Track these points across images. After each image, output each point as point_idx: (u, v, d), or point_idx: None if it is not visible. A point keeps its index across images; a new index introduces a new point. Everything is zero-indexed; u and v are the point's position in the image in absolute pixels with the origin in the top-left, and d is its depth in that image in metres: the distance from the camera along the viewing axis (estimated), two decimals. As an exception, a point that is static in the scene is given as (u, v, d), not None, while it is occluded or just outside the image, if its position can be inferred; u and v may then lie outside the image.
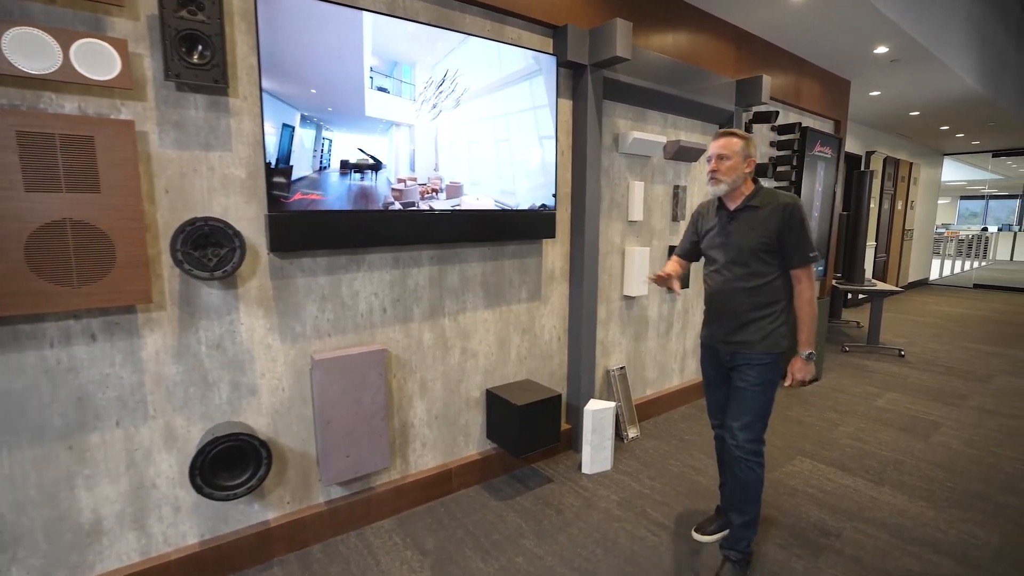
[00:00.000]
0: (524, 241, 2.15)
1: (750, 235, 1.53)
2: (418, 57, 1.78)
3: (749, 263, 1.54)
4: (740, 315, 1.56)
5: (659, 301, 2.81)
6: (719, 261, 1.61)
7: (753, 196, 1.55)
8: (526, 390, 2.11)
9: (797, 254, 1.51)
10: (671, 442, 2.54)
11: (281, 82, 1.49)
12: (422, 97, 1.83)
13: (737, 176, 1.54)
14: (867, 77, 4.01)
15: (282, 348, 1.64)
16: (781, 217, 1.50)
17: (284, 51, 1.49)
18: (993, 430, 2.72)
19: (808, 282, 1.54)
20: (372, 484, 1.88)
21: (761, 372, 1.56)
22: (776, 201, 1.52)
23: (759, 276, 1.53)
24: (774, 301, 1.55)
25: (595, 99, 2.18)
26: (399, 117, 1.77)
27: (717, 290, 1.61)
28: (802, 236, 1.50)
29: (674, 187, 2.76)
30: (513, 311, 2.18)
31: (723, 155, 1.54)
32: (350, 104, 1.66)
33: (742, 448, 1.56)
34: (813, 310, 1.54)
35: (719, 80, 2.76)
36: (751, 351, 1.56)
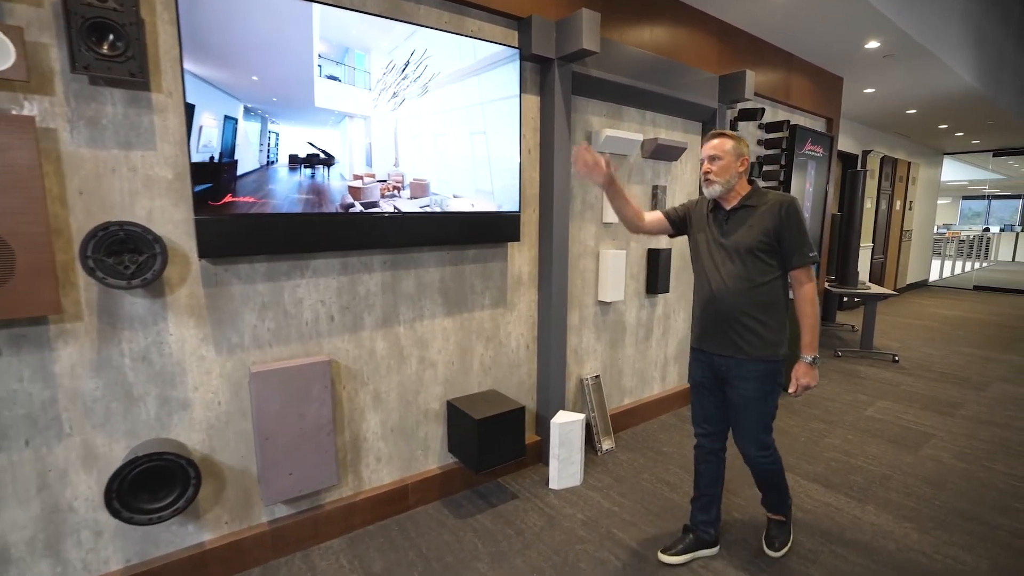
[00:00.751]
0: (486, 245, 2.05)
1: (748, 234, 1.49)
2: (372, 42, 1.67)
3: (747, 263, 1.49)
4: (737, 320, 1.51)
5: (637, 307, 2.70)
6: (716, 262, 1.55)
7: (750, 196, 1.53)
8: (489, 402, 2.01)
9: (796, 253, 1.47)
10: (647, 454, 2.43)
11: (216, 69, 1.38)
12: (380, 85, 1.71)
13: (731, 176, 1.51)
14: (860, 73, 3.89)
15: (217, 359, 1.54)
16: (778, 215, 1.46)
17: (216, 36, 1.37)
18: (986, 441, 2.60)
19: (809, 283, 1.50)
20: (321, 502, 1.78)
21: (760, 383, 1.51)
22: (773, 200, 1.50)
23: (757, 278, 1.49)
24: (772, 304, 1.50)
25: (563, 95, 2.07)
26: (353, 108, 1.66)
27: (712, 294, 1.55)
28: (800, 234, 1.46)
29: (653, 187, 2.64)
30: (476, 318, 2.08)
31: (715, 156, 1.51)
32: (298, 94, 1.55)
33: (754, 458, 1.60)
34: (815, 312, 1.50)
35: (701, 75, 2.64)
36: (748, 359, 1.50)
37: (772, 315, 1.50)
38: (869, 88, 4.31)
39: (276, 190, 1.55)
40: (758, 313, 1.49)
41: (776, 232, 1.47)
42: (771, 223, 1.47)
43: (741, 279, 1.50)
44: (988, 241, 11.09)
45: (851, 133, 5.80)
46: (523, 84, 2.06)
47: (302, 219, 1.57)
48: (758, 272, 1.49)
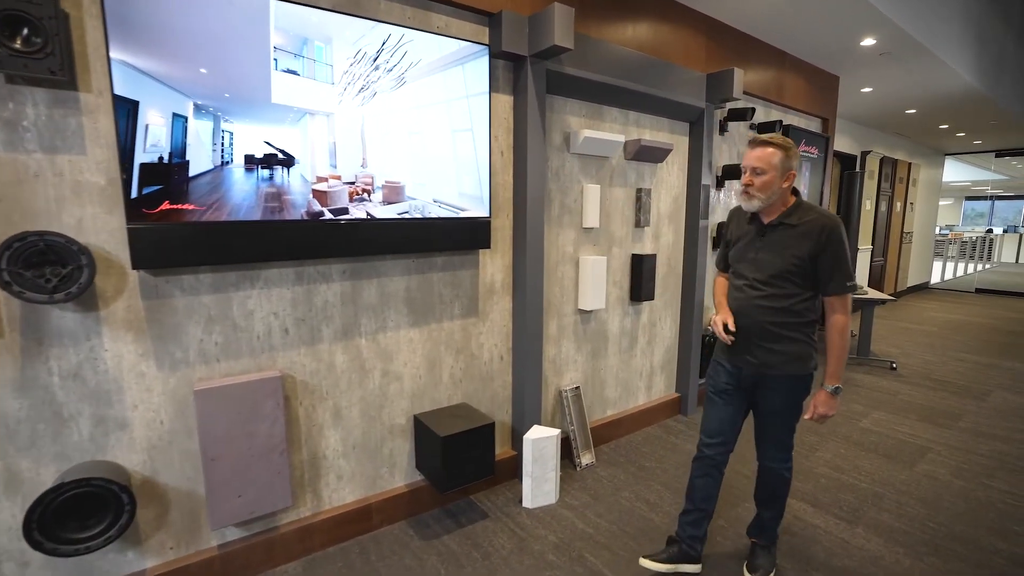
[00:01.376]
0: (455, 252, 1.95)
1: (782, 255, 1.43)
2: (335, 32, 1.57)
3: (776, 283, 1.44)
4: (764, 335, 1.47)
5: (620, 314, 2.60)
6: (746, 276, 1.51)
7: (790, 212, 1.43)
8: (457, 417, 1.91)
9: (833, 281, 1.40)
10: (628, 470, 2.32)
11: (158, 61, 1.29)
12: (347, 78, 1.61)
13: (773, 192, 1.41)
14: (857, 72, 3.77)
15: (159, 376, 1.45)
16: (818, 239, 1.38)
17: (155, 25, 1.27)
18: (985, 456, 2.49)
19: (842, 312, 1.43)
20: (276, 523, 1.69)
21: (788, 396, 1.50)
22: (814, 220, 1.40)
23: (786, 297, 1.44)
24: (802, 323, 1.45)
25: (537, 94, 1.97)
26: (314, 104, 1.56)
27: (741, 307, 1.50)
28: (840, 262, 1.39)
29: (637, 190, 2.54)
30: (444, 329, 1.98)
31: (758, 169, 1.41)
32: (252, 90, 1.46)
33: (773, 460, 1.59)
34: (844, 342, 1.44)
35: (687, 74, 2.54)
36: (777, 372, 1.47)
37: (800, 333, 1.45)
38: (866, 87, 4.19)
39: (231, 193, 1.46)
40: (785, 330, 1.45)
41: (812, 257, 1.39)
42: (808, 247, 1.39)
43: (768, 297, 1.45)
44: (991, 243, 10.93)
45: (850, 134, 5.68)
46: (495, 83, 1.96)
47: (248, 227, 1.47)
48: (787, 293, 1.43)
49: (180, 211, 1.37)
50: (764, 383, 1.51)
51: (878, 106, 4.86)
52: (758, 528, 1.69)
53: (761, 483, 1.64)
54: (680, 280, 2.88)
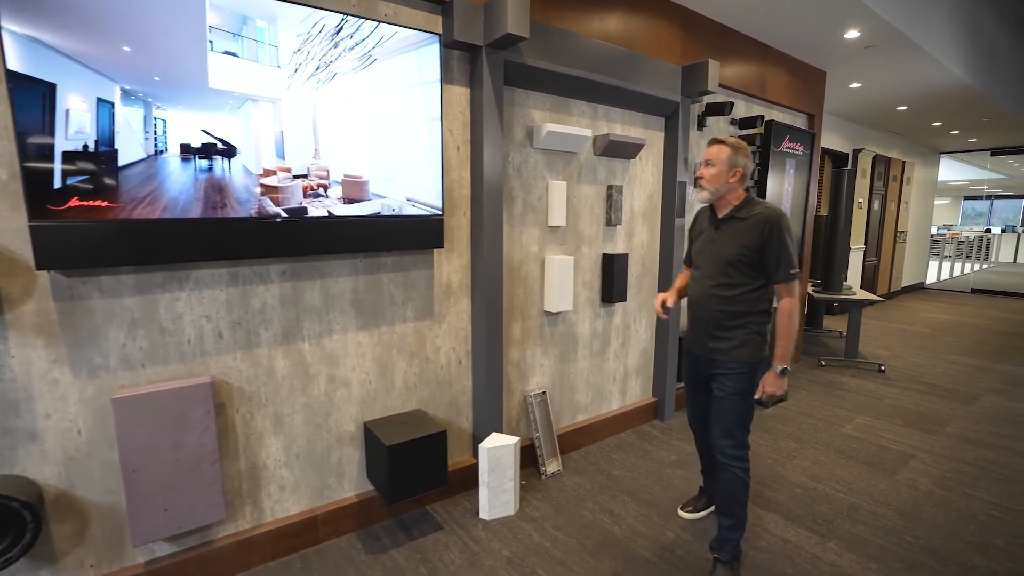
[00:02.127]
0: (406, 252, 1.86)
1: (731, 245, 1.54)
2: (280, 10, 1.47)
3: (727, 273, 1.54)
4: (716, 322, 1.58)
5: (591, 316, 2.50)
6: (701, 268, 1.64)
7: (740, 207, 1.55)
8: (408, 424, 1.82)
9: (779, 270, 1.50)
10: (596, 478, 2.23)
11: (72, 39, 1.19)
12: (297, 59, 1.52)
13: (720, 185, 1.54)
14: (844, 67, 3.67)
15: (75, 384, 1.36)
16: (762, 231, 1.49)
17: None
18: (969, 464, 2.39)
19: (788, 297, 1.53)
20: (211, 537, 1.60)
21: (737, 381, 1.56)
22: (759, 214, 1.52)
23: (736, 286, 1.54)
24: (751, 311, 1.54)
25: (493, 85, 1.88)
26: (257, 89, 1.47)
27: (696, 296, 1.64)
28: (783, 251, 1.49)
29: (607, 187, 2.45)
30: (396, 332, 1.89)
31: (709, 162, 1.56)
32: (186, 73, 1.36)
33: (725, 455, 1.60)
34: (792, 324, 1.52)
35: (660, 67, 2.44)
36: (727, 359, 1.57)
37: (750, 321, 1.54)
38: (854, 83, 4.09)
39: (167, 185, 1.36)
40: (735, 319, 1.55)
41: (758, 248, 1.50)
42: (753, 239, 1.50)
43: (720, 286, 1.56)
44: (989, 242, 10.81)
45: (841, 131, 5.58)
46: (449, 74, 1.87)
47: (172, 225, 1.38)
48: (737, 281, 1.54)
49: (94, 207, 1.29)
50: (716, 369, 1.60)
51: (868, 103, 4.76)
52: (718, 542, 1.66)
53: (720, 483, 1.64)
54: (656, 281, 2.79)
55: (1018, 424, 2.88)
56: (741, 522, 1.62)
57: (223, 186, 1.46)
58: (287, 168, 1.58)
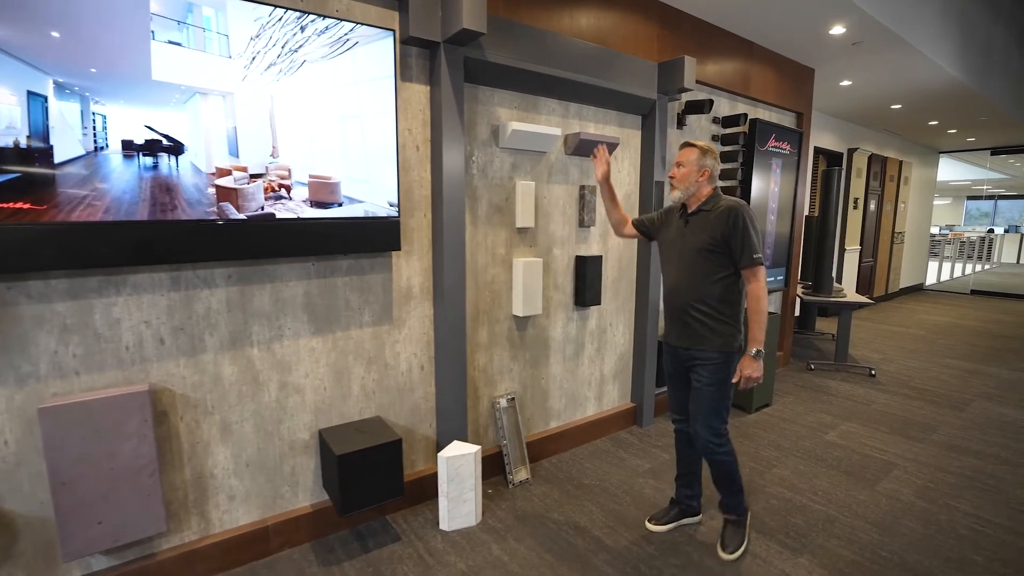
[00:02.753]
0: (362, 255, 1.80)
1: (700, 236, 1.64)
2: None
3: (699, 263, 1.63)
4: (689, 314, 1.65)
5: (563, 320, 2.44)
6: (673, 261, 1.72)
7: (707, 202, 1.66)
8: (364, 432, 1.76)
9: (743, 256, 1.59)
10: (565, 488, 2.16)
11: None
12: (253, 48, 1.46)
13: (690, 184, 1.66)
14: (832, 64, 3.59)
15: (2, 393, 1.31)
16: (726, 221, 1.59)
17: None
18: (954, 474, 2.31)
19: (755, 281, 1.60)
20: (153, 550, 1.55)
21: (714, 371, 1.63)
22: (724, 206, 1.62)
23: (708, 276, 1.62)
24: (724, 301, 1.62)
25: (453, 83, 1.82)
26: (206, 81, 1.41)
27: (671, 289, 1.72)
28: (746, 238, 1.58)
29: (580, 187, 2.38)
30: (353, 337, 1.83)
31: (679, 163, 1.68)
32: (126, 64, 1.30)
33: (706, 443, 1.68)
34: (761, 307, 1.59)
35: (635, 63, 2.38)
36: (703, 350, 1.64)
37: (723, 310, 1.63)
38: (845, 81, 4.01)
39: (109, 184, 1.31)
40: (709, 308, 1.63)
41: (724, 236, 1.59)
42: (719, 228, 1.60)
43: (693, 276, 1.65)
44: (991, 243, 10.66)
45: (835, 130, 5.49)
46: (407, 71, 1.82)
47: (105, 228, 1.33)
48: (708, 271, 1.62)
49: (22, 210, 1.23)
50: (693, 360, 1.68)
51: (861, 101, 4.67)
52: (725, 507, 1.80)
53: (710, 471, 1.75)
54: (633, 283, 2.72)
55: (1007, 431, 2.80)
56: (740, 488, 1.75)
57: (171, 186, 1.41)
58: (243, 167, 1.53)
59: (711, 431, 1.65)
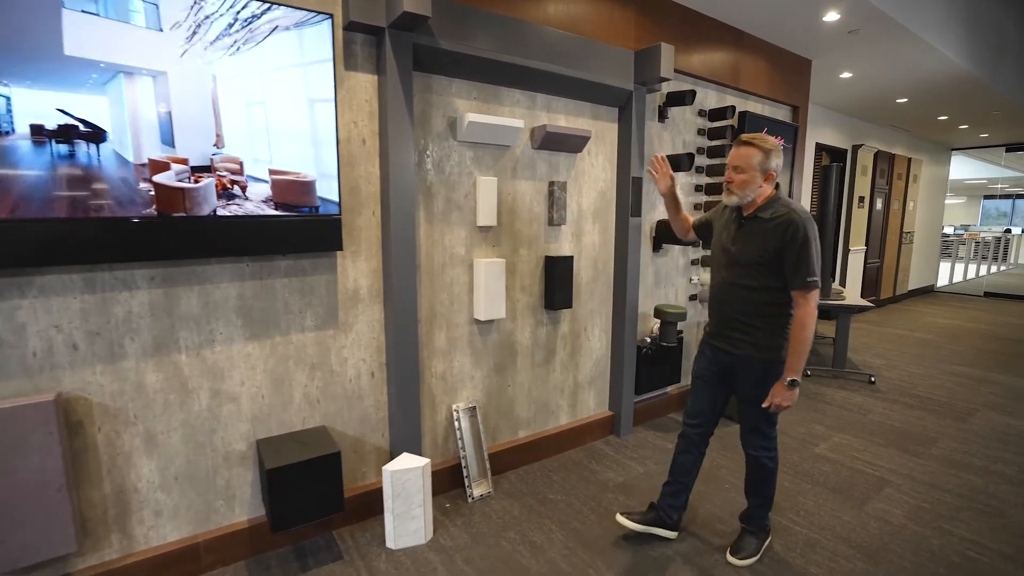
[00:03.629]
0: (302, 255, 1.69)
1: (751, 246, 1.52)
2: None
3: (746, 273, 1.54)
4: (737, 320, 1.57)
5: (532, 324, 2.31)
6: (722, 263, 1.62)
7: (766, 207, 1.51)
8: (303, 443, 1.65)
9: (796, 276, 1.46)
10: (527, 503, 2.03)
11: None
12: (195, 17, 1.33)
13: (751, 190, 1.50)
14: (830, 55, 3.41)
15: None
16: (783, 235, 1.45)
17: None
18: (951, 493, 2.14)
19: (805, 306, 1.47)
20: (68, 570, 1.45)
21: (757, 383, 1.56)
22: (784, 216, 1.47)
23: (757, 288, 1.53)
24: (770, 314, 1.53)
25: (400, 72, 1.70)
26: (131, 58, 1.28)
27: (715, 293, 1.65)
28: (802, 258, 1.44)
29: (549, 184, 2.25)
30: (294, 343, 1.72)
31: (738, 167, 1.50)
32: (31, 37, 1.17)
33: (753, 447, 1.65)
34: (805, 335, 1.47)
35: (610, 52, 2.24)
36: (747, 358, 1.57)
37: (769, 322, 1.53)
38: (845, 72, 3.81)
39: (14, 175, 1.20)
40: (753, 319, 1.54)
41: (777, 252, 1.47)
42: (773, 242, 1.47)
43: (739, 286, 1.55)
44: (1007, 243, 10.27)
45: (838, 126, 5.28)
46: (352, 59, 1.70)
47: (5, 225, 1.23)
48: (756, 282, 1.52)
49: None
50: (737, 369, 1.60)
51: (865, 95, 4.46)
52: (747, 516, 1.75)
53: (747, 472, 1.71)
54: (611, 285, 2.58)
55: (1012, 444, 2.61)
56: (769, 500, 1.71)
57: (91, 178, 1.30)
58: (182, 159, 1.41)
59: (761, 436, 1.63)
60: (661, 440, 2.61)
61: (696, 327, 3.06)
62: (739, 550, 1.69)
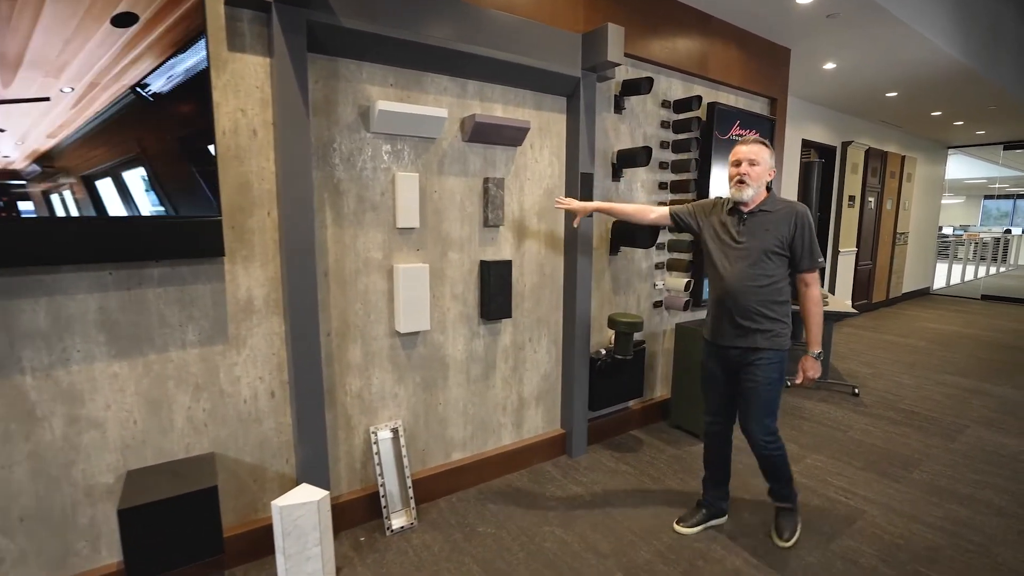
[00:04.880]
0: (177, 261, 1.48)
1: (764, 237, 1.62)
2: None
3: (759, 264, 1.62)
4: (748, 314, 1.64)
5: (466, 336, 2.09)
6: (729, 261, 1.67)
7: (766, 201, 1.65)
8: (179, 476, 1.44)
9: (806, 258, 1.62)
10: (452, 537, 1.82)
11: None
12: None
13: (760, 184, 1.63)
14: (810, 42, 3.19)
15: None
16: (793, 222, 1.60)
17: None
18: (932, 527, 1.91)
19: (815, 285, 1.66)
20: None
21: (768, 371, 1.65)
22: (787, 207, 1.63)
23: (768, 276, 1.62)
24: (781, 301, 1.64)
25: (290, 52, 1.49)
26: None
27: (725, 291, 1.67)
28: (811, 241, 1.61)
29: (484, 180, 2.04)
30: (173, 360, 1.52)
31: (754, 160, 1.61)
32: None
33: (759, 441, 1.71)
34: (819, 311, 1.66)
35: (551, 34, 2.03)
36: (759, 350, 1.64)
37: (779, 310, 1.64)
38: (828, 63, 3.59)
39: None
40: (766, 309, 1.63)
41: (790, 238, 1.61)
42: (786, 229, 1.61)
43: (752, 277, 1.62)
44: (1007, 244, 9.99)
45: (826, 121, 5.05)
46: (236, 39, 1.49)
47: None
48: (768, 272, 1.62)
49: None
50: (745, 361, 1.67)
51: (852, 88, 4.24)
52: (775, 495, 1.83)
53: (760, 465, 1.78)
54: (560, 292, 2.36)
55: (1003, 467, 2.38)
56: (789, 477, 1.79)
57: None
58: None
59: (765, 429, 1.69)
60: (616, 462, 2.39)
61: (663, 335, 2.84)
62: (782, 531, 1.78)
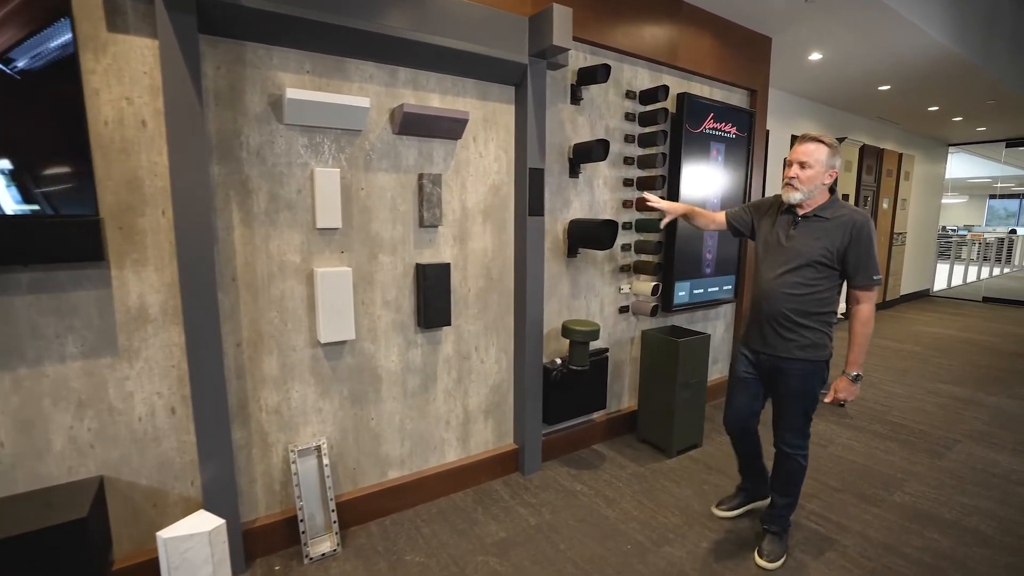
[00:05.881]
0: (51, 266, 1.33)
1: (813, 245, 1.53)
2: None
3: (804, 272, 1.54)
4: (785, 321, 1.57)
5: (401, 345, 1.93)
6: (774, 265, 1.61)
7: (826, 207, 1.54)
8: (49, 505, 1.30)
9: (861, 274, 1.51)
10: (377, 565, 1.66)
11: None
12: None
13: (815, 187, 1.52)
14: (793, 31, 3.01)
15: None
16: (849, 232, 1.50)
17: None
18: (910, 561, 1.73)
19: (868, 303, 1.54)
20: None
21: (802, 380, 1.59)
22: (847, 215, 1.51)
23: (809, 285, 1.54)
24: (819, 312, 1.55)
25: (176, 33, 1.34)
26: None
27: (764, 294, 1.62)
28: (868, 256, 1.50)
29: (419, 177, 1.88)
30: (50, 376, 1.37)
31: (805, 163, 1.51)
32: None
33: (790, 446, 1.66)
34: (868, 332, 1.53)
35: (494, 16, 1.86)
36: (794, 357, 1.58)
37: (818, 321, 1.56)
38: (814, 54, 3.41)
39: None
40: (804, 318, 1.55)
41: (842, 249, 1.51)
42: (839, 240, 1.50)
43: (794, 285, 1.55)
44: (1011, 244, 9.71)
45: (816, 117, 4.85)
46: (118, 17, 1.34)
47: None
48: (812, 281, 1.54)
49: None
50: (781, 368, 1.61)
51: (842, 80, 4.04)
52: (770, 517, 1.75)
53: (777, 469, 1.73)
54: (510, 296, 2.20)
55: (993, 488, 2.19)
56: (795, 501, 1.74)
57: None
58: None
59: (797, 434, 1.65)
60: (572, 480, 2.22)
61: (630, 343, 2.67)
62: (765, 553, 1.69)
